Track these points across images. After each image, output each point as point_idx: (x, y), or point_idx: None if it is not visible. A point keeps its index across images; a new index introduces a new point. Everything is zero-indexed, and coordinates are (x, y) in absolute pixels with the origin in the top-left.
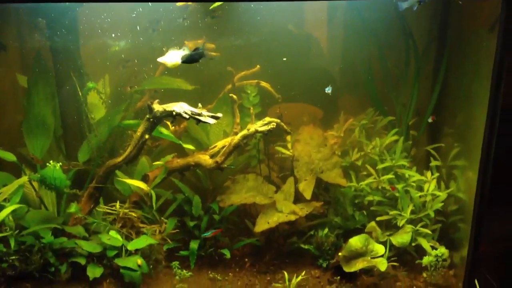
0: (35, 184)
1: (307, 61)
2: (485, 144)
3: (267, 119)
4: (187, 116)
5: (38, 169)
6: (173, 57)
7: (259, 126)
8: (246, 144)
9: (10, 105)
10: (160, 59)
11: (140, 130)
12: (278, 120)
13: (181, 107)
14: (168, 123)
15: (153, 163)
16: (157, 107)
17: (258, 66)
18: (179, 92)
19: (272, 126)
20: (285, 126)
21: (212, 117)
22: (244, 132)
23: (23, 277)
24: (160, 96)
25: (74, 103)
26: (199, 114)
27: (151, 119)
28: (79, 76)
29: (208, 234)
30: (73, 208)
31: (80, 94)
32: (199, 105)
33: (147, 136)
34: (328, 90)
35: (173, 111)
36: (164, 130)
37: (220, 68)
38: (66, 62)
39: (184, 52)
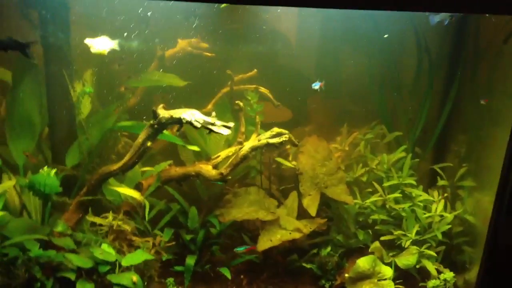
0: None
1: (313, 69)
2: (505, 167)
3: (276, 129)
4: (199, 125)
5: (20, 171)
6: (102, 44)
7: (269, 137)
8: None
9: None
10: (88, 41)
11: (141, 136)
12: (288, 132)
13: (192, 115)
14: None
15: (147, 170)
16: (163, 113)
17: (255, 70)
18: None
19: (284, 139)
20: (293, 138)
21: (224, 126)
22: (254, 143)
23: None
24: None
25: (63, 102)
26: (212, 124)
27: (155, 126)
28: (70, 73)
29: (242, 249)
30: (60, 226)
31: (72, 93)
32: (213, 113)
33: (149, 144)
34: (316, 86)
35: (183, 118)
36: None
37: (215, 70)
38: (57, 58)
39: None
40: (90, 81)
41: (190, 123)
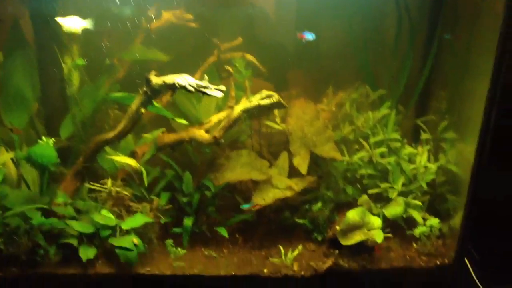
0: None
1: (293, 33)
2: (486, 115)
3: (265, 92)
4: (193, 89)
5: (16, 145)
6: (73, 22)
7: (259, 99)
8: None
9: None
10: (59, 19)
11: (135, 104)
12: (276, 94)
13: (184, 79)
14: None
15: (142, 138)
16: (155, 79)
17: (240, 38)
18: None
19: (274, 100)
20: (282, 100)
21: (217, 90)
22: (245, 105)
23: (9, 261)
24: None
25: (54, 76)
26: (206, 87)
27: (148, 93)
28: (60, 46)
29: (248, 206)
30: (60, 197)
31: (63, 66)
32: (205, 77)
33: (143, 111)
34: (309, 36)
35: (176, 83)
36: (155, 103)
37: (200, 39)
38: (47, 32)
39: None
40: (78, 55)
41: (184, 87)
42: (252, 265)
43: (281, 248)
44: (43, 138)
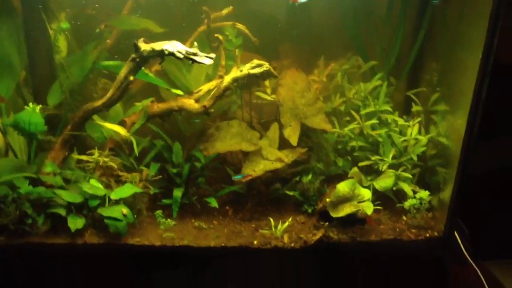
0: None
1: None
2: (477, 86)
3: (255, 61)
4: (181, 56)
5: (3, 111)
6: None
7: (250, 68)
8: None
9: None
10: None
11: (123, 71)
12: (267, 64)
13: (173, 46)
14: None
15: (133, 107)
16: (144, 46)
17: (231, 7)
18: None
19: (265, 69)
20: (272, 70)
21: (207, 57)
22: (235, 74)
23: None
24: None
25: (42, 43)
26: (195, 54)
27: (137, 59)
28: (46, 12)
29: (239, 177)
30: (48, 166)
31: (50, 32)
32: (195, 43)
33: (131, 78)
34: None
35: (165, 50)
36: (145, 71)
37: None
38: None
39: None
40: (65, 21)
41: (172, 54)
42: (242, 236)
43: (271, 220)
44: (30, 104)
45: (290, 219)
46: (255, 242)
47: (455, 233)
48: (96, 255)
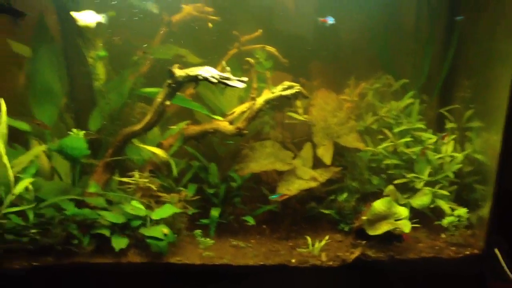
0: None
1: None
2: (510, 101)
3: (287, 83)
4: (216, 81)
5: (47, 137)
6: (89, 17)
7: (281, 90)
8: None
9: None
10: (75, 14)
11: (160, 96)
12: (299, 85)
13: (207, 71)
14: None
15: (168, 130)
16: (179, 72)
17: (260, 30)
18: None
19: (296, 90)
20: (303, 91)
21: (239, 81)
22: (268, 96)
23: (45, 250)
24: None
25: (81, 69)
26: (228, 78)
27: (173, 85)
28: (83, 40)
29: (276, 196)
30: (92, 187)
31: (88, 61)
32: (228, 68)
33: (168, 103)
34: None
35: (199, 75)
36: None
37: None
38: (71, 26)
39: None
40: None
41: (206, 79)
42: (280, 255)
43: (308, 238)
44: (74, 130)
45: (327, 237)
46: (293, 260)
47: (495, 249)
48: (140, 274)
